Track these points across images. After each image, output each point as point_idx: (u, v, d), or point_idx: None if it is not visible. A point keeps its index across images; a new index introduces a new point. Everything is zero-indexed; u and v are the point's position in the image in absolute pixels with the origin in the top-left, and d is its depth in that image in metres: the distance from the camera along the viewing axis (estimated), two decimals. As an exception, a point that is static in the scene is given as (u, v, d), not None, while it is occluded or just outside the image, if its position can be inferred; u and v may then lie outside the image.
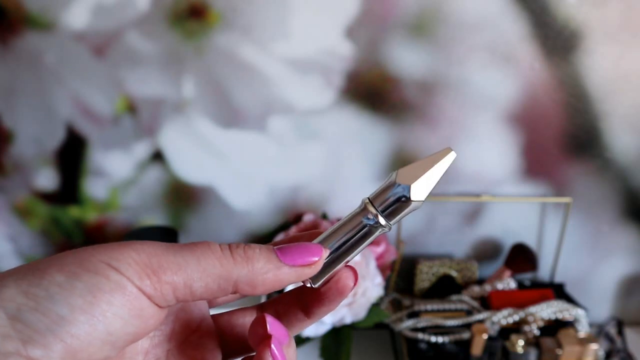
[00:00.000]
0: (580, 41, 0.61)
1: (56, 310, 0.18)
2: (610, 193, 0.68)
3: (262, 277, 0.21)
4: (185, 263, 0.20)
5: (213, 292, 0.21)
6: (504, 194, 0.68)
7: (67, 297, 0.19)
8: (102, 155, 0.66)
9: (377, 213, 0.22)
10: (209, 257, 0.21)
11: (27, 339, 0.18)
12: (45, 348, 0.18)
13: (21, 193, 0.68)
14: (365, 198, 0.23)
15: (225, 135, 0.65)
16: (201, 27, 0.60)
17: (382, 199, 0.22)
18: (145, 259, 0.20)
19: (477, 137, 0.66)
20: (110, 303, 0.19)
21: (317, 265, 0.23)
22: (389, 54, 0.62)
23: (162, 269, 0.20)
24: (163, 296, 0.20)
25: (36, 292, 0.18)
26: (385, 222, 0.22)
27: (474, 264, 0.68)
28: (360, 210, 0.23)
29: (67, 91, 0.63)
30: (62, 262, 0.19)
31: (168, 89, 0.63)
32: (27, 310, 0.18)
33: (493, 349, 0.58)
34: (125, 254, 0.20)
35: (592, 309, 0.69)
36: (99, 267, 0.19)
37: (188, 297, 0.21)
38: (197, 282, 0.21)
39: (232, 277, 0.21)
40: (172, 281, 0.20)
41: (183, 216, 0.69)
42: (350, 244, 0.23)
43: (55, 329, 0.18)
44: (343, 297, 0.24)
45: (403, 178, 0.22)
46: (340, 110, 0.64)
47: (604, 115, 0.64)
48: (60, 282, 0.19)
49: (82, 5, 0.59)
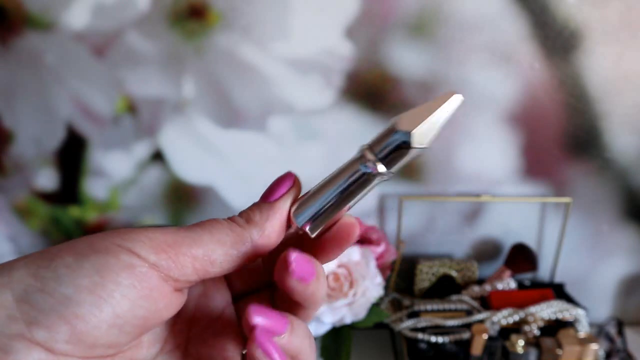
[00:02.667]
0: (580, 41, 0.61)
1: (62, 290, 0.18)
2: (610, 193, 0.68)
3: (268, 224, 0.22)
4: (199, 237, 0.21)
5: (233, 258, 0.21)
6: (504, 194, 0.68)
7: (74, 278, 0.18)
8: (102, 155, 0.66)
9: (376, 159, 0.21)
10: (219, 229, 0.21)
11: (32, 320, 0.18)
12: (49, 330, 0.18)
13: (21, 193, 0.68)
14: (364, 145, 0.22)
15: (225, 135, 0.65)
16: (201, 27, 0.60)
17: (382, 146, 0.21)
18: (159, 236, 0.20)
19: (477, 137, 0.66)
20: (117, 283, 0.19)
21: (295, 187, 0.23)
22: (389, 54, 0.62)
23: (178, 243, 0.20)
24: (182, 269, 0.20)
25: (44, 273, 0.18)
26: (385, 170, 0.21)
27: (474, 264, 0.68)
28: (358, 157, 0.22)
29: (67, 91, 0.63)
30: (74, 245, 0.19)
31: (168, 89, 0.63)
32: (34, 291, 0.18)
33: (493, 349, 0.58)
34: (140, 234, 0.20)
35: (592, 309, 0.69)
36: (109, 248, 0.19)
37: (209, 267, 0.21)
38: (215, 252, 0.21)
39: (246, 239, 0.21)
40: (190, 253, 0.20)
41: (183, 216, 0.69)
42: (348, 192, 0.22)
43: (60, 309, 0.18)
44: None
45: (404, 123, 0.20)
46: (340, 110, 0.64)
47: (604, 115, 0.64)
48: (69, 263, 0.18)
49: (82, 5, 0.59)
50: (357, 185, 0.22)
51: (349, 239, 0.23)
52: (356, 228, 0.23)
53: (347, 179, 0.22)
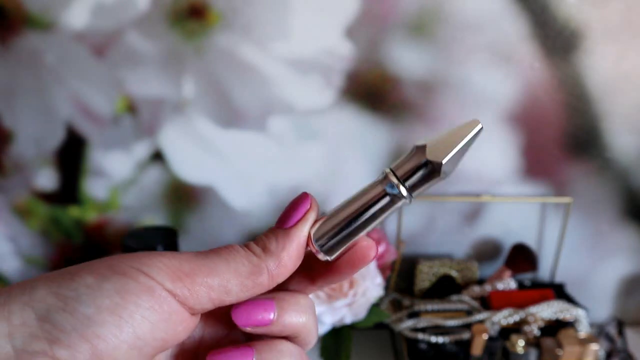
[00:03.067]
0: (580, 41, 0.61)
1: (83, 310, 0.18)
2: (610, 193, 0.68)
3: (285, 253, 0.22)
4: (215, 266, 0.21)
5: (249, 288, 0.21)
6: (504, 194, 0.68)
7: (95, 298, 0.19)
8: (102, 155, 0.66)
9: (400, 183, 0.21)
10: (237, 258, 0.21)
11: (54, 339, 0.18)
12: (70, 348, 0.18)
13: (21, 193, 0.68)
14: (386, 168, 0.22)
15: (225, 135, 0.65)
16: (201, 27, 0.60)
17: (407, 171, 0.21)
18: (176, 264, 0.20)
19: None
20: (138, 305, 0.19)
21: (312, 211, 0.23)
22: (389, 54, 0.62)
23: (194, 272, 0.20)
24: (198, 298, 0.20)
25: (66, 293, 0.19)
26: (407, 194, 0.22)
27: (474, 264, 0.68)
28: (382, 179, 0.22)
29: (67, 91, 0.63)
30: (93, 266, 0.20)
31: (168, 89, 0.63)
32: (56, 310, 0.18)
33: (493, 349, 0.58)
34: (156, 260, 0.20)
35: (592, 309, 0.69)
36: (128, 271, 0.19)
37: (224, 297, 0.21)
38: (231, 282, 0.21)
39: (262, 269, 0.21)
40: (206, 283, 0.20)
41: (183, 216, 0.69)
42: (369, 214, 0.22)
43: (81, 329, 0.18)
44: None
45: (433, 154, 0.21)
46: (340, 110, 0.64)
47: (604, 115, 0.64)
48: (90, 284, 0.19)
49: (82, 5, 0.59)
50: (379, 207, 0.22)
51: (365, 260, 0.23)
52: (373, 250, 0.23)
53: (370, 200, 0.22)
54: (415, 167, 0.21)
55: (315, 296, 0.55)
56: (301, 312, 0.22)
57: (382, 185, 0.22)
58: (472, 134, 0.21)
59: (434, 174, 0.21)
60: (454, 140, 0.21)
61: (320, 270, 0.23)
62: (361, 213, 0.22)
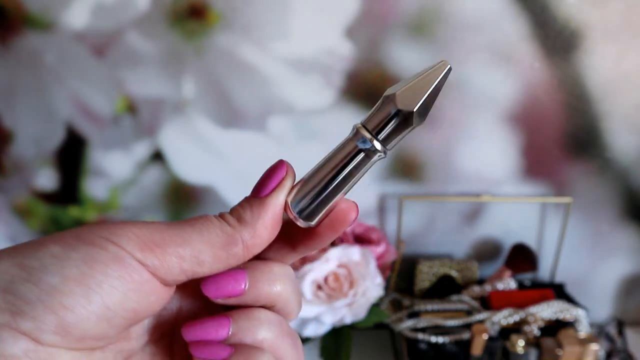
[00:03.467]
0: (580, 41, 0.61)
1: (48, 280, 0.17)
2: (610, 193, 0.68)
3: (260, 222, 0.21)
4: (188, 236, 0.20)
5: (223, 259, 0.20)
6: (504, 194, 0.68)
7: (61, 268, 0.18)
8: (102, 155, 0.66)
9: (373, 137, 0.21)
10: (210, 228, 0.20)
11: (17, 311, 0.17)
12: (35, 320, 0.17)
13: (21, 193, 0.68)
14: (357, 123, 0.21)
15: (225, 135, 0.65)
16: (201, 27, 0.60)
17: (378, 124, 0.20)
18: (147, 234, 0.19)
19: (477, 137, 0.66)
20: (106, 274, 0.18)
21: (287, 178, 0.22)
22: (389, 54, 0.62)
23: (165, 242, 0.19)
24: (169, 269, 0.19)
25: (30, 263, 0.18)
26: (381, 147, 0.21)
27: (474, 264, 0.68)
28: (353, 135, 0.21)
29: (67, 91, 0.63)
30: (60, 236, 0.19)
31: (168, 89, 0.63)
32: (19, 281, 0.17)
33: (493, 349, 0.58)
34: (126, 229, 0.19)
35: (592, 309, 0.69)
36: (97, 240, 0.19)
37: (197, 268, 0.20)
38: (204, 253, 0.20)
39: (237, 240, 0.21)
40: (177, 253, 0.20)
41: (183, 216, 0.69)
42: (345, 173, 0.21)
43: (46, 299, 0.17)
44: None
45: (403, 103, 0.20)
46: (340, 110, 0.64)
47: (604, 115, 0.64)
48: (55, 253, 0.18)
49: (82, 5, 0.59)
50: (354, 165, 0.21)
51: (346, 223, 0.22)
52: (354, 211, 0.22)
53: (344, 159, 0.21)
54: (387, 118, 0.20)
55: (316, 296, 0.55)
56: (275, 280, 0.22)
57: (353, 141, 0.21)
58: (441, 76, 0.20)
59: (407, 122, 0.20)
60: (423, 85, 0.20)
61: (300, 236, 0.22)
62: (337, 173, 0.21)
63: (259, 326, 0.21)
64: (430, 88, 0.20)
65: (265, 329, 0.21)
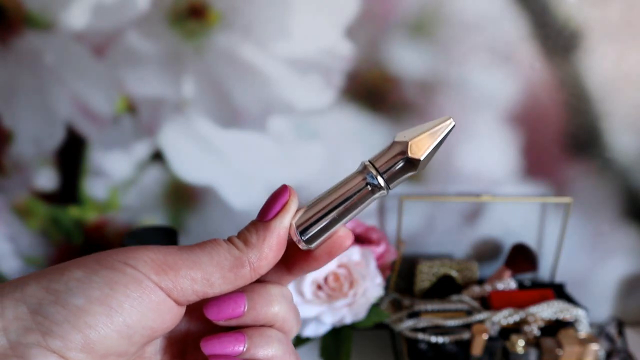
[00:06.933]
0: (580, 41, 0.61)
1: (73, 302, 0.19)
2: (610, 193, 0.68)
3: (265, 245, 0.22)
4: (199, 260, 0.21)
5: (232, 280, 0.22)
6: (504, 194, 0.68)
7: (85, 290, 0.19)
8: (102, 155, 0.66)
9: (378, 174, 0.23)
10: (219, 251, 0.22)
11: (47, 331, 0.19)
12: (63, 339, 0.19)
13: (21, 193, 0.68)
14: (365, 161, 0.23)
15: (225, 135, 0.65)
16: (201, 27, 0.60)
17: (386, 164, 0.23)
18: (161, 257, 0.21)
19: (477, 137, 0.66)
20: (127, 295, 0.20)
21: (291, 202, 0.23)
22: (389, 54, 0.62)
23: (178, 265, 0.21)
24: (182, 290, 0.21)
25: (56, 287, 0.19)
26: (384, 185, 0.23)
27: (474, 264, 0.68)
28: (361, 170, 0.23)
29: (67, 91, 0.63)
30: (81, 261, 0.21)
31: (168, 89, 0.63)
32: (47, 303, 0.19)
33: (493, 349, 0.58)
34: (141, 254, 0.21)
35: (592, 309, 0.69)
36: (116, 264, 0.20)
37: (207, 289, 0.22)
38: (214, 275, 0.21)
39: (244, 262, 0.22)
40: (189, 275, 0.21)
41: (183, 216, 0.69)
42: (349, 203, 0.23)
43: (72, 319, 0.19)
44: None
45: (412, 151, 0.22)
46: (340, 110, 0.64)
47: (604, 115, 0.64)
48: (79, 277, 0.20)
49: (82, 5, 0.59)
50: (359, 197, 0.23)
51: (342, 249, 0.24)
52: (349, 239, 0.24)
53: (350, 190, 0.23)
54: (394, 161, 0.22)
55: (316, 296, 0.55)
56: (273, 302, 0.23)
57: (362, 174, 0.23)
58: (447, 131, 0.22)
59: (411, 168, 0.22)
60: (430, 137, 0.22)
61: (297, 259, 0.24)
62: (342, 202, 0.23)
63: (271, 343, 0.23)
64: (437, 140, 0.22)
65: (276, 346, 0.23)
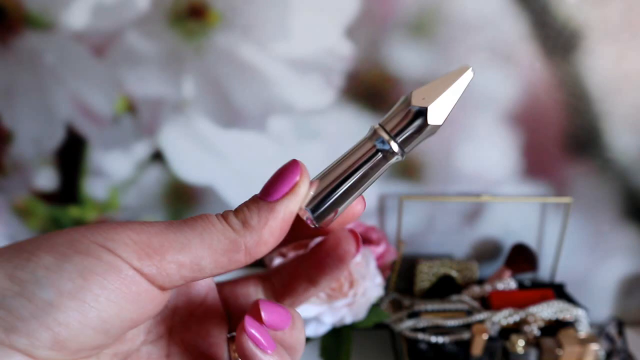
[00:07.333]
0: (580, 41, 0.61)
1: (42, 295, 0.17)
2: (610, 193, 0.68)
3: (266, 229, 0.20)
4: (188, 241, 0.19)
5: (224, 265, 0.19)
6: (504, 194, 0.68)
7: (55, 281, 0.17)
8: (102, 155, 0.66)
9: (390, 138, 0.20)
10: (212, 232, 0.19)
11: (10, 327, 0.16)
12: (29, 337, 0.16)
13: (21, 193, 0.68)
14: (375, 124, 0.20)
15: (225, 135, 0.65)
16: (201, 27, 0.60)
17: (395, 124, 0.20)
18: (145, 239, 0.18)
19: (477, 137, 0.66)
20: (103, 287, 0.17)
21: (301, 183, 0.20)
22: (389, 54, 0.62)
23: (164, 247, 0.18)
24: (168, 276, 0.18)
25: (22, 275, 0.17)
26: (399, 149, 0.20)
27: (474, 264, 0.68)
28: (370, 135, 0.20)
29: (67, 91, 0.63)
30: (52, 243, 0.18)
31: (168, 89, 0.63)
32: (12, 295, 0.16)
33: (493, 350, 0.58)
34: (122, 234, 0.18)
35: (592, 309, 0.69)
36: (92, 249, 0.17)
37: (197, 275, 0.19)
38: (205, 260, 0.19)
39: (239, 246, 0.19)
40: (177, 260, 0.18)
41: (183, 216, 0.69)
42: (360, 174, 0.20)
43: (40, 316, 0.16)
44: (344, 263, 0.22)
45: (419, 100, 0.19)
46: (340, 110, 0.64)
47: (604, 115, 0.64)
48: (48, 265, 0.17)
49: (82, 5, 0.59)
50: (369, 166, 0.20)
51: (354, 218, 0.22)
52: (361, 205, 0.22)
53: (361, 158, 0.20)
54: (402, 118, 0.20)
55: (315, 296, 0.55)
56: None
57: (371, 141, 0.20)
58: (461, 80, 0.20)
59: (426, 127, 0.20)
60: (441, 87, 0.20)
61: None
62: (353, 173, 0.20)
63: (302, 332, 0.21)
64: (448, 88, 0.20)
65: (303, 340, 0.22)
